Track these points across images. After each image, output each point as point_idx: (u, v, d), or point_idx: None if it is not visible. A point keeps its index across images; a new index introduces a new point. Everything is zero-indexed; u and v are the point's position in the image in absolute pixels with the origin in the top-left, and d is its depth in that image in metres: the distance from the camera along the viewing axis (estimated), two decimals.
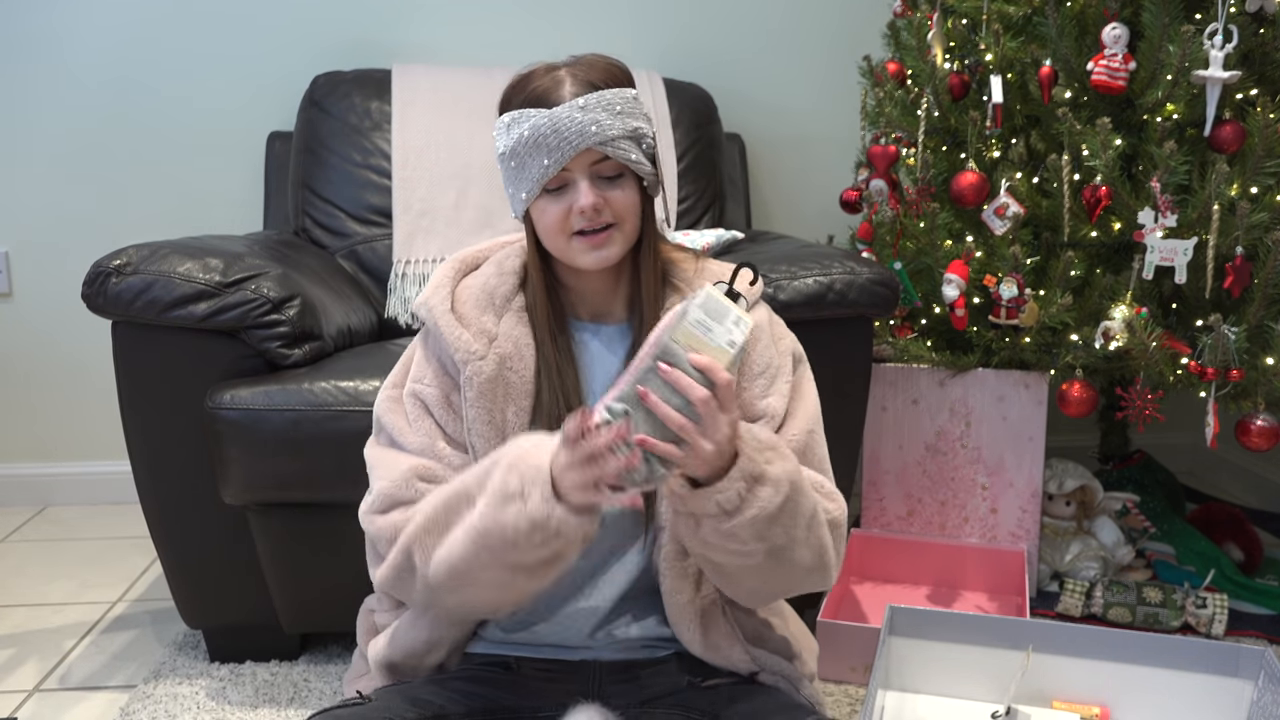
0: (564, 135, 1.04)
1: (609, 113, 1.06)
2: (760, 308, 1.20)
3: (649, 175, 1.10)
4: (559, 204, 1.08)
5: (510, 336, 1.13)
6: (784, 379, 1.17)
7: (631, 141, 1.07)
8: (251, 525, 1.63)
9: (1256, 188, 1.70)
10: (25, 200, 2.44)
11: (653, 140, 1.11)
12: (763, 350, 1.16)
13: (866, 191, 2.08)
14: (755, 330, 1.16)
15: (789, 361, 1.19)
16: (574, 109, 1.04)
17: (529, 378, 1.13)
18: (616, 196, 1.08)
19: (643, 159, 1.09)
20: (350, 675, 1.27)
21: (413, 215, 2.18)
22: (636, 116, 1.09)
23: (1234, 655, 1.42)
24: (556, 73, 1.07)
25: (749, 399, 1.14)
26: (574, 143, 1.04)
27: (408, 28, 2.46)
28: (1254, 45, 1.73)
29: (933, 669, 1.54)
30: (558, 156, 1.05)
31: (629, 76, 1.12)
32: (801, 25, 2.55)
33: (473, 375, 1.11)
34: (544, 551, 0.98)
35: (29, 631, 1.91)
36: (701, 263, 1.21)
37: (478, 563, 1.01)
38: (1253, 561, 2.08)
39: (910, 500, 2.04)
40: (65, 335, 2.47)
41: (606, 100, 1.06)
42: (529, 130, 1.05)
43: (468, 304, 1.15)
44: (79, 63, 2.39)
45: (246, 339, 1.60)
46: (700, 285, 1.17)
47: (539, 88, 1.07)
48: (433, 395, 1.14)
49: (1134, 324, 1.72)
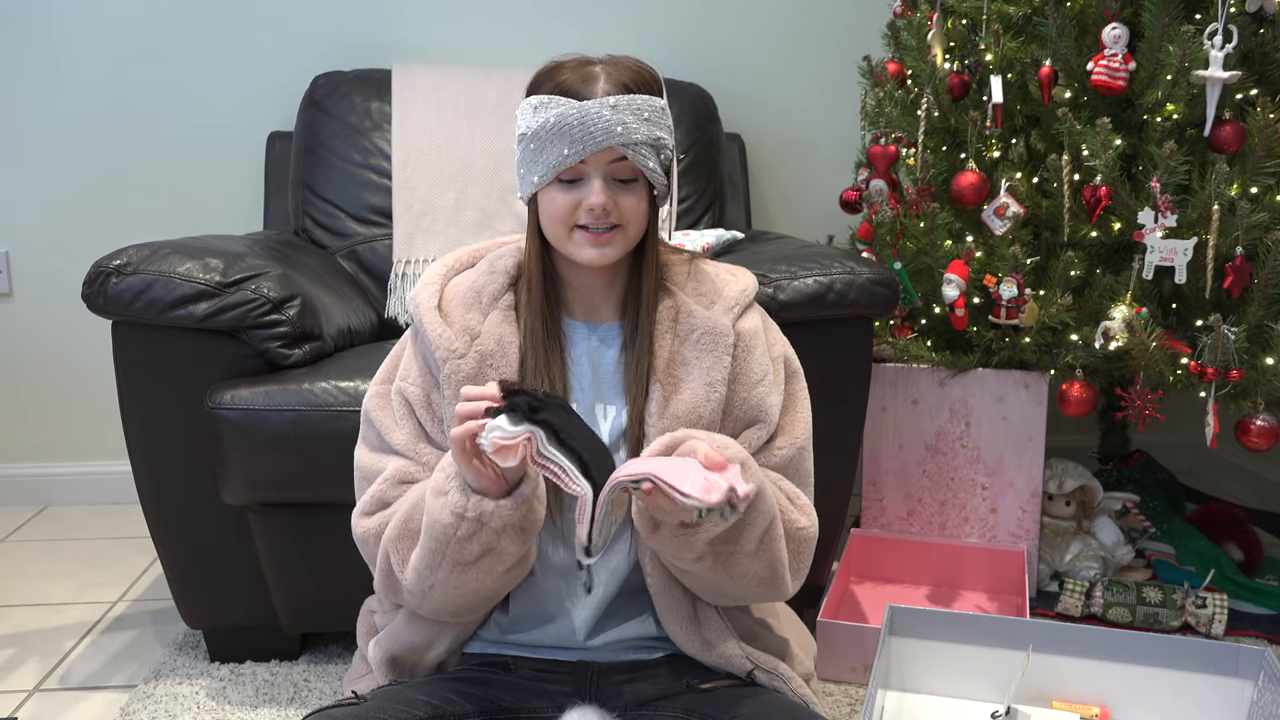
0: (590, 129, 1.05)
1: (637, 117, 1.07)
2: (753, 313, 1.20)
3: (661, 185, 1.11)
4: (569, 196, 1.09)
5: (494, 334, 1.14)
6: (778, 386, 1.17)
7: (652, 149, 1.08)
8: (251, 525, 1.63)
9: (1256, 188, 1.70)
10: (25, 200, 2.44)
11: (671, 153, 1.12)
12: (759, 358, 1.17)
13: (866, 191, 2.08)
14: (749, 338, 1.17)
15: (781, 368, 1.19)
16: (604, 106, 1.05)
17: (511, 376, 1.13)
18: (627, 200, 1.09)
19: (659, 168, 1.10)
20: (350, 676, 1.27)
21: (413, 215, 2.18)
22: (661, 127, 1.10)
23: (1234, 655, 1.42)
24: (591, 68, 1.09)
25: (746, 407, 1.15)
26: (599, 139, 1.05)
27: (408, 28, 2.46)
28: (1254, 45, 1.73)
29: (933, 669, 1.54)
30: (579, 149, 1.06)
31: (659, 85, 1.12)
32: (801, 25, 2.55)
33: (451, 374, 1.12)
34: (476, 546, 1.01)
35: (29, 631, 1.91)
36: (695, 264, 1.21)
37: (433, 562, 1.04)
38: (1253, 561, 2.08)
39: (910, 500, 2.04)
40: (65, 335, 2.47)
41: (637, 105, 1.07)
42: (555, 117, 1.06)
43: (454, 301, 1.16)
44: (79, 63, 2.39)
45: (246, 339, 1.60)
46: (691, 289, 1.17)
47: (573, 79, 1.07)
48: (415, 395, 1.15)
49: (1134, 324, 1.72)
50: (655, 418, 1.11)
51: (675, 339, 1.14)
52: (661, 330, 1.14)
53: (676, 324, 1.15)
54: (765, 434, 1.15)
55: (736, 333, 1.16)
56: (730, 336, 1.15)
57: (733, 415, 1.15)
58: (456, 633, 1.17)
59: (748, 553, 1.05)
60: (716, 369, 1.13)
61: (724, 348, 1.14)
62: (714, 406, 1.12)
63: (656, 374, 1.13)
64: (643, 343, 1.13)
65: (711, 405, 1.12)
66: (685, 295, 1.17)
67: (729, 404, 1.14)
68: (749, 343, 1.16)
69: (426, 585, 1.06)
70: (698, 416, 1.11)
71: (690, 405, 1.12)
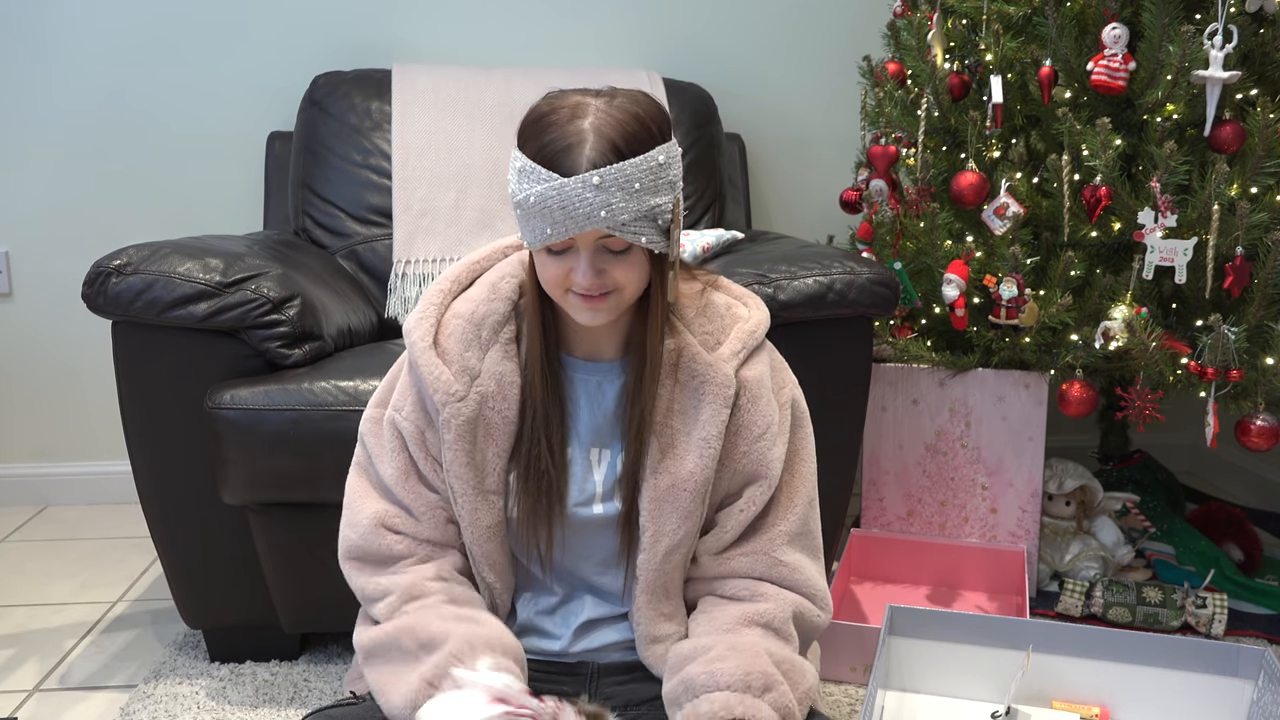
0: (570, 213, 0.97)
1: (625, 192, 0.97)
2: (760, 357, 1.15)
3: (660, 247, 1.03)
4: (559, 264, 1.02)
5: (494, 374, 1.10)
6: (784, 436, 1.14)
7: (645, 221, 0.99)
8: (251, 525, 1.63)
9: (1256, 188, 1.70)
10: (25, 200, 2.44)
11: (672, 208, 1.02)
12: (763, 408, 1.12)
13: (866, 191, 2.08)
14: (754, 387, 1.12)
15: (788, 414, 1.15)
16: (587, 187, 0.96)
17: (512, 416, 1.10)
18: (619, 269, 1.02)
19: (655, 235, 1.01)
20: (350, 675, 1.27)
21: (413, 215, 2.18)
22: (658, 191, 1.00)
23: (1234, 655, 1.42)
24: (580, 124, 0.98)
25: (747, 462, 1.12)
26: (580, 224, 0.97)
27: (408, 28, 2.46)
28: (1254, 45, 1.73)
29: (933, 669, 1.54)
30: (561, 231, 0.98)
31: (662, 128, 1.02)
32: (801, 25, 2.55)
33: (450, 418, 1.08)
34: None
35: (29, 631, 1.91)
36: (707, 296, 1.16)
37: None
38: (1253, 561, 2.08)
39: (910, 500, 2.04)
40: (65, 335, 2.47)
41: (625, 176, 0.97)
42: (536, 196, 0.98)
43: (453, 337, 1.11)
44: (79, 63, 2.39)
45: (246, 339, 1.60)
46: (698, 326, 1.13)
47: (555, 145, 0.97)
48: (409, 430, 1.12)
49: (1134, 324, 1.72)
50: (650, 473, 1.09)
51: (676, 385, 1.11)
52: (663, 375, 1.11)
53: (678, 370, 1.11)
54: (767, 491, 1.12)
55: (740, 382, 1.11)
56: (731, 388, 1.10)
57: (731, 468, 1.12)
58: None
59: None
60: (713, 424, 1.09)
61: (723, 400, 1.09)
62: (708, 463, 1.09)
63: (654, 426, 1.10)
64: (646, 391, 1.09)
65: (705, 462, 1.09)
66: (690, 336, 1.12)
67: (727, 455, 1.11)
68: (754, 393, 1.12)
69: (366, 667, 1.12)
70: (689, 473, 1.09)
71: (684, 462, 1.09)
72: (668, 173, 1.01)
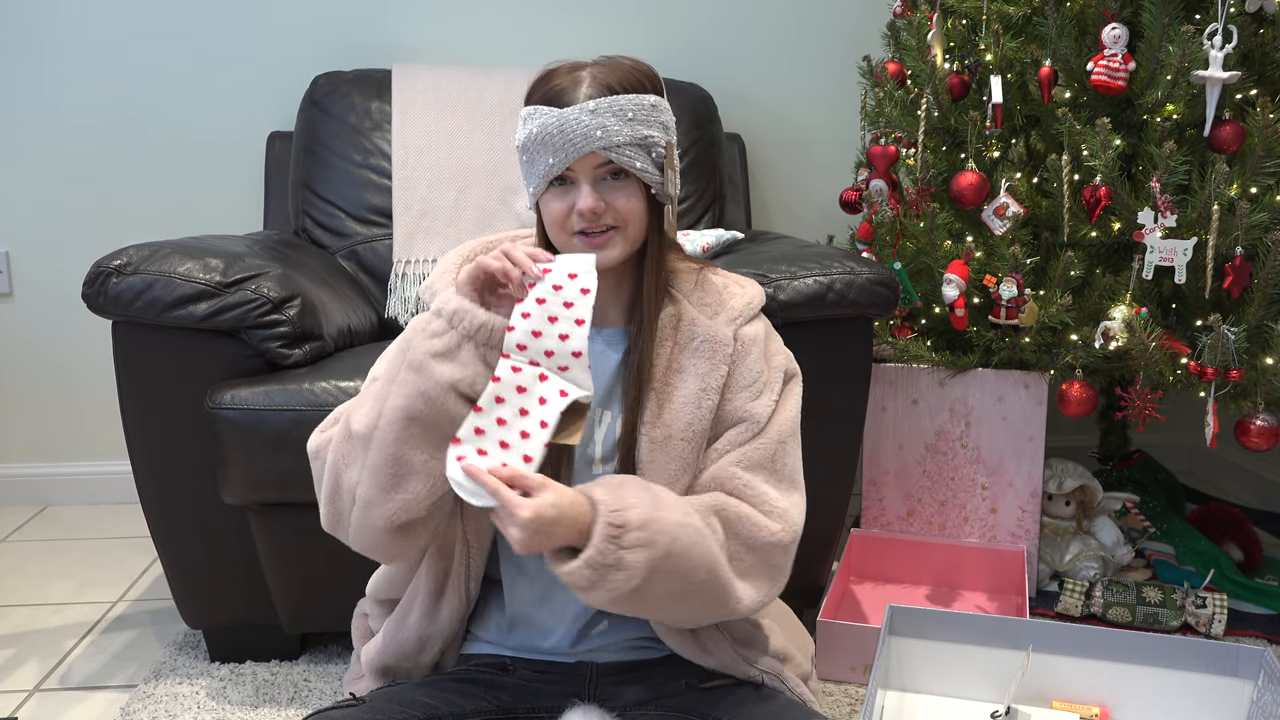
0: (569, 137, 1.05)
1: (619, 118, 1.06)
2: (758, 321, 1.19)
3: (655, 183, 1.09)
4: (563, 201, 1.09)
5: None
6: (771, 393, 1.15)
7: (639, 149, 1.07)
8: (251, 525, 1.63)
9: (1256, 188, 1.70)
10: (25, 200, 2.44)
11: (665, 149, 1.10)
12: (752, 364, 1.15)
13: (866, 191, 2.08)
14: (748, 343, 1.15)
15: (779, 377, 1.17)
16: (583, 112, 1.05)
17: None
18: (618, 199, 1.08)
19: (650, 167, 1.08)
20: (350, 676, 1.28)
21: (413, 215, 2.18)
22: (650, 124, 1.08)
23: (1234, 655, 1.42)
24: (578, 73, 1.08)
25: (732, 408, 1.13)
26: (578, 145, 1.05)
27: (408, 28, 2.46)
28: (1254, 45, 1.73)
29: (933, 669, 1.54)
30: (561, 157, 1.06)
31: (654, 83, 1.11)
32: (801, 25, 2.56)
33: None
34: (439, 344, 1.02)
35: (29, 631, 1.91)
36: (703, 274, 1.20)
37: (381, 393, 1.05)
38: (1253, 561, 2.08)
39: (910, 500, 2.04)
40: (65, 335, 2.47)
41: (619, 106, 1.06)
42: (537, 128, 1.07)
43: None
44: (79, 63, 2.39)
45: (246, 339, 1.60)
46: (696, 298, 1.16)
47: (556, 86, 1.07)
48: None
49: (1134, 324, 1.72)
50: (648, 426, 1.10)
51: (675, 346, 1.14)
52: (662, 337, 1.13)
53: (678, 331, 1.14)
54: (750, 432, 1.13)
55: (737, 339, 1.15)
56: (730, 345, 1.13)
57: (717, 416, 1.13)
58: (447, 634, 1.17)
59: (671, 595, 1.03)
60: (712, 376, 1.12)
61: (722, 356, 1.13)
62: (705, 414, 1.11)
63: (653, 383, 1.12)
64: (644, 350, 1.12)
65: (703, 413, 1.11)
66: (689, 304, 1.16)
67: (720, 408, 1.13)
68: (746, 347, 1.15)
69: (366, 441, 1.04)
70: (686, 424, 1.10)
71: (681, 414, 1.11)
72: (659, 114, 1.10)
